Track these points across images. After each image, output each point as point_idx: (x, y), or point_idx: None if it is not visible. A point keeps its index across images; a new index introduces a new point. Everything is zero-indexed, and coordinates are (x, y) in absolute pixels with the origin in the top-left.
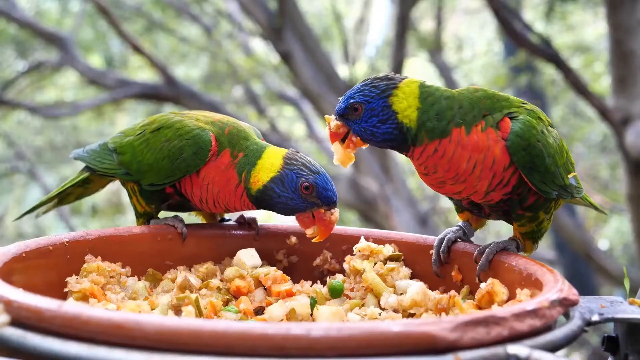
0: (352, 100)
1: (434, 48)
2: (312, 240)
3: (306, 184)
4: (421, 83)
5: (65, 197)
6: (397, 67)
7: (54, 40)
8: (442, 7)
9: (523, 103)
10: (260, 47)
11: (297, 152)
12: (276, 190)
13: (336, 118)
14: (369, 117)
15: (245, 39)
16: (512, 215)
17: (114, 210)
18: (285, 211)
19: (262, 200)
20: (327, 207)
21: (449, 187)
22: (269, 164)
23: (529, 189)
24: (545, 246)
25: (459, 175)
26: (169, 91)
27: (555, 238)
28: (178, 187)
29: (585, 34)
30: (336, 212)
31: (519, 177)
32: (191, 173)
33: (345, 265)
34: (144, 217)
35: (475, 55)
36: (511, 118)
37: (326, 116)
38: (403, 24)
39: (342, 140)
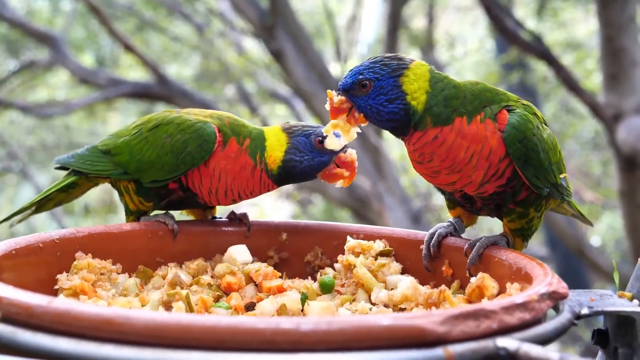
0: (361, 77)
1: (426, 45)
2: (341, 185)
3: (318, 137)
4: (431, 68)
5: (45, 203)
6: None
7: (45, 40)
8: (434, 4)
9: (519, 99)
10: (252, 45)
11: (288, 122)
12: (296, 159)
13: (339, 93)
14: (377, 95)
15: (237, 38)
16: (503, 209)
17: (107, 210)
18: (311, 174)
19: (286, 174)
20: (343, 150)
21: (443, 177)
22: (276, 141)
23: (522, 183)
24: (537, 243)
25: (455, 164)
26: (161, 90)
27: (548, 235)
28: (184, 182)
29: (577, 30)
30: (353, 151)
31: (513, 170)
32: (197, 166)
33: (337, 265)
34: (135, 215)
35: (467, 53)
36: (509, 111)
37: (329, 91)
38: (395, 22)
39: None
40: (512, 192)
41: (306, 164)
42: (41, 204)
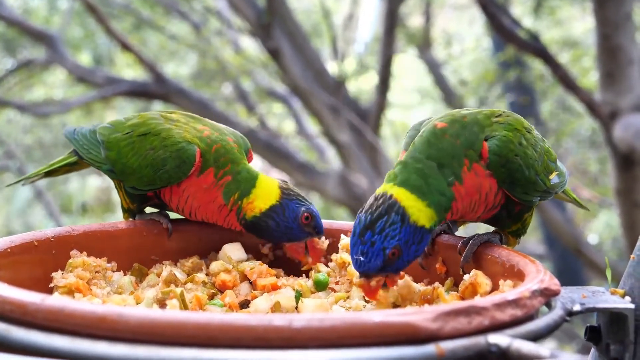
0: (387, 251)
1: (423, 44)
2: (303, 268)
3: (307, 214)
4: (402, 182)
5: (52, 172)
6: (386, 63)
7: (42, 38)
8: (431, 3)
9: (496, 116)
10: (249, 44)
11: (287, 182)
12: (275, 219)
13: (370, 275)
14: (408, 249)
15: (234, 36)
16: (500, 224)
17: (104, 209)
18: (279, 239)
19: (257, 226)
20: (319, 236)
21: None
22: (267, 193)
23: (514, 201)
24: (535, 241)
25: (462, 216)
26: (158, 89)
27: (545, 233)
28: (158, 192)
29: (574, 29)
30: (325, 240)
31: (504, 194)
32: (172, 185)
33: (331, 263)
34: (130, 213)
35: (464, 51)
36: (487, 140)
37: (357, 281)
38: (392, 20)
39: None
40: (507, 211)
41: (281, 229)
42: (49, 173)
